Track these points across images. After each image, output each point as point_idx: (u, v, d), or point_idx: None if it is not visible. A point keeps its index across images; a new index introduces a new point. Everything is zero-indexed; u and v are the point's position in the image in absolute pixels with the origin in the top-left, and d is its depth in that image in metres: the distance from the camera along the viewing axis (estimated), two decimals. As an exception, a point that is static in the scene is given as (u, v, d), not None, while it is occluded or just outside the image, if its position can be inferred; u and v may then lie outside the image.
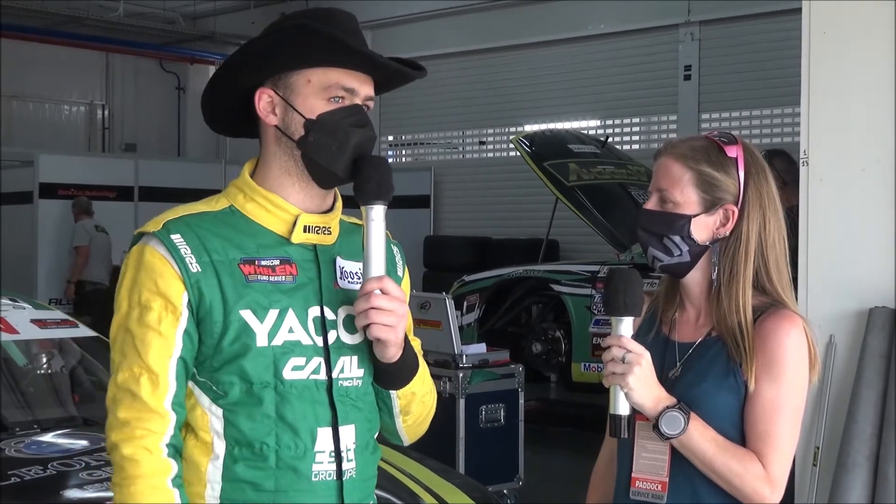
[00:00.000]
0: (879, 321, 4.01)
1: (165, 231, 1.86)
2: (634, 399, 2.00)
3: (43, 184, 13.19)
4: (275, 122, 1.93)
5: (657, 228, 2.10)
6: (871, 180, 4.08)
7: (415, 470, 3.49)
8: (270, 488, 1.86)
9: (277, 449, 1.86)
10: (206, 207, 1.93)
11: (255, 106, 1.95)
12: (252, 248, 1.89)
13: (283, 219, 1.92)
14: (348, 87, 1.91)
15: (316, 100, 1.90)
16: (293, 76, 1.91)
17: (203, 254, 1.85)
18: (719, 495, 2.05)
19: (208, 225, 1.89)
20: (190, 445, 1.87)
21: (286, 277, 1.89)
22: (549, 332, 9.49)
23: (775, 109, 11.82)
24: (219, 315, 1.84)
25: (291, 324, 1.88)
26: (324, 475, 1.88)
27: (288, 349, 1.87)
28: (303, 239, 1.92)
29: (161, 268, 1.84)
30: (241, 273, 1.86)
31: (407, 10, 14.57)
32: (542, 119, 13.37)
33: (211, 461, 1.86)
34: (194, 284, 1.83)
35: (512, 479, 6.65)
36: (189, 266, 1.83)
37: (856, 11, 4.13)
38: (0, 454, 3.37)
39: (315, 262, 1.93)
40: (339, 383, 1.91)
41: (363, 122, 1.92)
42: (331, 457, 1.89)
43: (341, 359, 1.92)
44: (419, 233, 13.82)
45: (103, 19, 15.44)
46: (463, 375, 6.49)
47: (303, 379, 1.87)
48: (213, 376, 1.87)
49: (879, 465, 3.90)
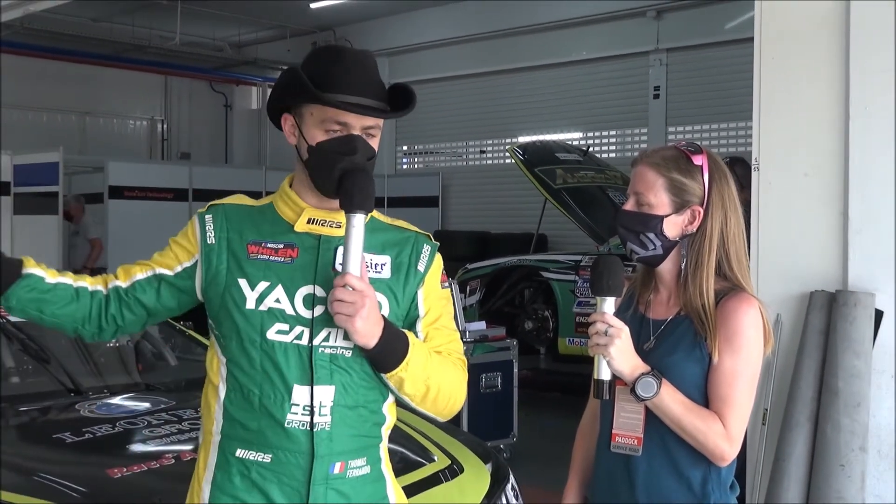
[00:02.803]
0: (819, 302, 4.00)
1: (206, 211, 2.03)
2: (615, 366, 2.00)
3: (112, 186, 13.17)
4: (294, 142, 2.00)
5: (635, 226, 2.10)
6: (813, 184, 4.08)
7: (425, 428, 3.49)
8: (254, 428, 1.92)
9: (260, 396, 1.92)
10: (251, 203, 2.06)
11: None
12: (266, 233, 1.98)
13: (295, 212, 2.00)
14: (342, 121, 1.93)
15: (316, 130, 1.94)
16: (304, 108, 1.96)
17: (222, 232, 1.98)
18: (686, 449, 2.04)
19: (243, 215, 2.01)
20: (208, 389, 2.00)
21: (285, 259, 1.96)
22: (539, 311, 9.48)
23: (731, 123, 11.78)
24: (221, 279, 1.96)
25: (279, 296, 1.94)
26: (297, 424, 1.91)
27: (272, 315, 1.93)
28: (307, 228, 1.97)
29: (191, 232, 2.02)
30: (246, 251, 1.96)
31: (419, 39, 14.54)
32: (533, 131, 13.33)
33: (217, 402, 1.97)
34: (206, 253, 1.98)
35: (507, 436, 6.66)
36: (207, 239, 1.98)
37: (800, 41, 4.12)
38: (76, 414, 3.38)
39: (316, 249, 1.96)
40: (320, 350, 1.92)
41: (352, 150, 1.92)
42: (304, 410, 1.91)
43: (326, 329, 1.93)
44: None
45: (162, 47, 15.42)
46: (466, 348, 6.49)
47: (285, 342, 1.92)
48: (219, 329, 1.97)
49: (819, 424, 3.89)
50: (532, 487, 4.06)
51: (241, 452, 1.92)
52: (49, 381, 3.63)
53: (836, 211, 4.01)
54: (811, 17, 4.08)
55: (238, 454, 1.92)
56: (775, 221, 4.14)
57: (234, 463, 1.93)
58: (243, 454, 1.92)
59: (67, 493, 2.65)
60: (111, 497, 2.63)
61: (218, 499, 1.93)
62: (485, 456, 3.35)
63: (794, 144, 4.12)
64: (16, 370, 3.91)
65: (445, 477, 3.08)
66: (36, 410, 3.53)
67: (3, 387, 3.83)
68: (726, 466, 2.07)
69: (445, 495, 2.99)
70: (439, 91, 14.15)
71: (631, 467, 2.08)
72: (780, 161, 4.14)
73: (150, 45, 15.45)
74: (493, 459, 3.37)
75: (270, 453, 1.91)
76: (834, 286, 4.00)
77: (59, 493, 2.64)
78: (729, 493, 2.10)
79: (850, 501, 3.76)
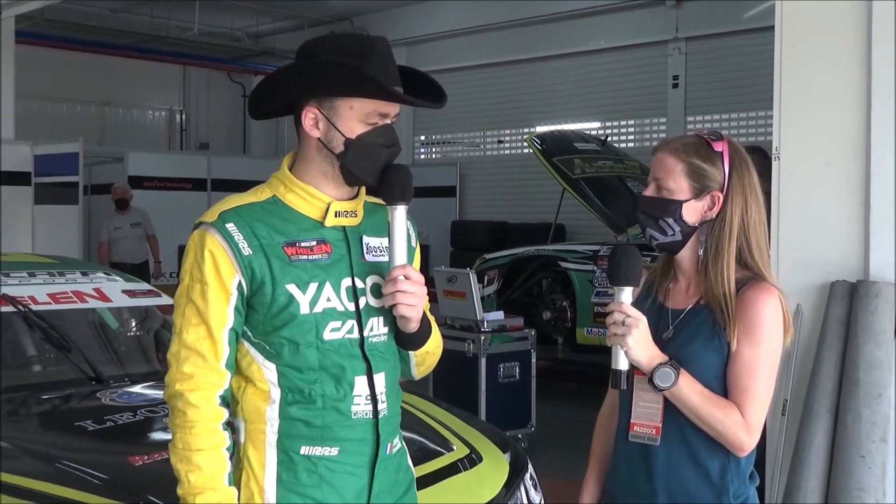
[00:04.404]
0: (840, 293, 3.97)
1: (221, 221, 1.90)
2: (632, 356, 2.00)
3: (131, 176, 13.26)
4: (317, 135, 1.95)
5: (654, 212, 2.09)
6: (834, 173, 4.05)
7: (444, 417, 3.49)
8: (319, 424, 1.92)
9: (323, 394, 1.92)
10: (254, 198, 1.97)
11: (298, 115, 1.97)
12: (293, 233, 1.93)
13: (317, 206, 1.96)
14: (383, 112, 1.94)
15: (356, 123, 1.92)
16: (338, 101, 1.92)
17: (253, 238, 1.89)
18: (705, 439, 2.04)
19: (256, 214, 1.92)
20: (250, 393, 1.94)
21: (322, 255, 1.93)
22: (557, 301, 9.46)
23: (751, 112, 11.70)
24: (268, 289, 1.89)
25: (329, 294, 1.92)
26: (361, 414, 1.95)
27: (326, 315, 1.92)
28: (334, 222, 1.96)
29: (218, 252, 1.88)
30: (285, 254, 1.90)
31: (437, 28, 14.52)
32: (551, 121, 13.29)
33: (269, 405, 1.93)
34: (247, 265, 1.88)
35: (525, 425, 6.67)
36: (242, 250, 1.88)
37: (822, 29, 4.09)
38: (97, 402, 3.40)
39: (345, 241, 1.97)
40: (369, 340, 1.96)
41: (392, 142, 1.95)
42: (367, 399, 1.95)
43: (370, 319, 1.97)
44: (447, 218, 13.80)
45: (181, 38, 15.46)
46: (484, 338, 6.50)
47: (339, 339, 1.93)
48: (266, 338, 1.92)
49: (839, 416, 3.87)
50: (550, 477, 4.06)
51: (306, 449, 1.92)
52: (70, 370, 3.66)
53: (858, 200, 3.98)
54: (833, 3, 4.04)
55: (303, 452, 1.92)
56: (796, 211, 4.11)
57: (300, 461, 1.92)
58: (308, 451, 1.92)
59: (89, 480, 2.66)
60: (133, 484, 2.65)
61: (287, 498, 1.91)
62: (503, 445, 3.35)
63: (814, 133, 4.10)
64: (37, 359, 3.94)
65: (464, 466, 3.09)
66: (57, 399, 3.55)
67: (26, 375, 3.86)
68: (745, 457, 2.06)
69: (464, 485, 3.00)
70: (457, 81, 14.12)
71: (649, 457, 2.08)
72: (801, 150, 4.12)
73: (169, 36, 15.49)
74: (512, 449, 3.37)
75: (337, 446, 1.93)
76: (855, 276, 3.97)
77: (81, 480, 2.66)
78: (748, 484, 2.09)
79: (870, 492, 3.74)
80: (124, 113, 16.97)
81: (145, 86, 16.85)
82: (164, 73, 16.95)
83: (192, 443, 1.86)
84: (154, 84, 17.01)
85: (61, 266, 4.37)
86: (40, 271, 4.10)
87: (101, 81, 15.93)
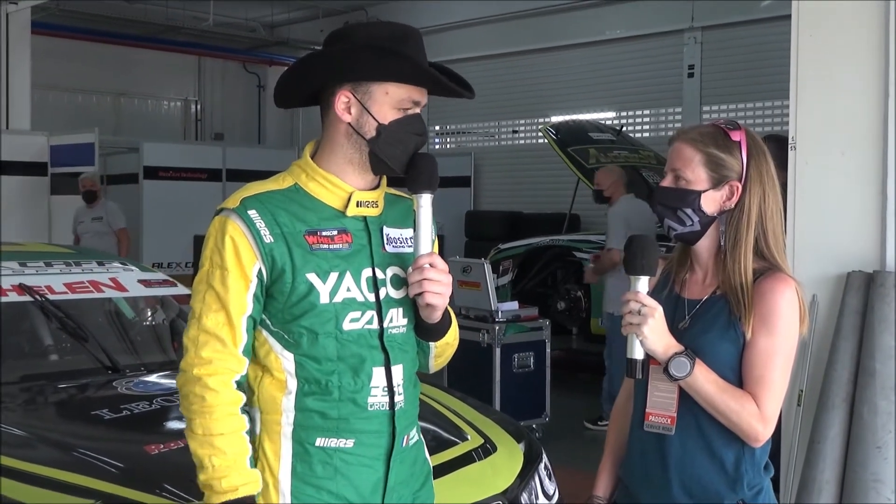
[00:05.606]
0: (856, 283, 3.96)
1: (243, 207, 1.89)
2: (648, 346, 2.00)
3: (146, 167, 13.29)
4: (348, 119, 1.93)
5: (672, 202, 2.08)
6: (851, 163, 4.03)
7: (458, 407, 3.50)
8: (335, 416, 1.91)
9: (340, 385, 1.90)
10: (275, 185, 1.95)
11: (328, 100, 1.95)
12: (314, 221, 1.91)
13: (339, 196, 1.95)
14: (416, 100, 1.94)
15: (390, 109, 1.92)
16: (373, 86, 1.91)
17: (275, 226, 1.88)
18: (720, 429, 2.03)
19: (277, 201, 1.91)
20: (266, 383, 1.92)
21: (343, 245, 1.92)
22: (572, 292, 9.46)
23: (767, 102, 11.63)
24: (289, 277, 1.87)
25: (349, 284, 1.91)
26: (378, 406, 1.93)
27: (346, 305, 1.91)
28: (356, 212, 1.95)
29: (239, 239, 1.87)
30: (306, 243, 1.89)
31: (451, 18, 14.47)
32: (566, 111, 13.25)
33: (285, 395, 1.91)
34: (268, 253, 1.87)
35: (540, 415, 6.67)
36: (263, 238, 1.86)
37: (838, 17, 4.06)
38: (114, 391, 3.42)
39: (366, 231, 1.96)
40: (388, 331, 1.95)
41: (421, 130, 1.95)
42: (384, 391, 1.94)
43: (390, 311, 1.96)
44: (461, 208, 13.78)
45: (196, 28, 15.46)
46: (499, 328, 6.50)
47: (358, 329, 1.92)
48: (285, 327, 1.91)
49: (854, 407, 3.86)
50: (564, 467, 4.06)
51: (322, 441, 1.91)
52: (87, 359, 3.68)
53: (875, 190, 3.96)
54: (850, -7, 4.02)
55: (318, 443, 1.91)
56: (812, 201, 4.09)
57: (315, 452, 1.91)
58: (324, 442, 1.91)
59: (106, 468, 2.68)
60: (149, 473, 2.66)
61: (301, 490, 1.91)
62: (518, 435, 3.36)
63: (831, 123, 4.08)
64: (54, 348, 3.97)
65: (479, 456, 3.09)
66: (74, 388, 3.58)
67: (43, 364, 3.89)
68: (760, 447, 2.05)
69: (478, 474, 3.00)
70: (471, 71, 14.07)
71: (664, 447, 2.07)
72: (817, 140, 4.10)
73: (184, 27, 15.50)
74: (526, 439, 3.37)
75: (353, 438, 1.92)
76: (871, 267, 3.96)
77: (98, 468, 2.68)
78: (763, 474, 2.09)
79: (886, 483, 3.73)
80: (140, 103, 17.01)
81: (160, 76, 16.88)
82: (180, 64, 16.97)
83: (213, 427, 1.85)
84: (169, 74, 17.03)
85: (77, 256, 4.40)
86: (57, 261, 4.12)
87: (116, 72, 15.97)
